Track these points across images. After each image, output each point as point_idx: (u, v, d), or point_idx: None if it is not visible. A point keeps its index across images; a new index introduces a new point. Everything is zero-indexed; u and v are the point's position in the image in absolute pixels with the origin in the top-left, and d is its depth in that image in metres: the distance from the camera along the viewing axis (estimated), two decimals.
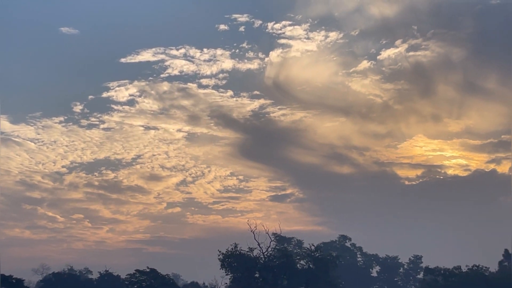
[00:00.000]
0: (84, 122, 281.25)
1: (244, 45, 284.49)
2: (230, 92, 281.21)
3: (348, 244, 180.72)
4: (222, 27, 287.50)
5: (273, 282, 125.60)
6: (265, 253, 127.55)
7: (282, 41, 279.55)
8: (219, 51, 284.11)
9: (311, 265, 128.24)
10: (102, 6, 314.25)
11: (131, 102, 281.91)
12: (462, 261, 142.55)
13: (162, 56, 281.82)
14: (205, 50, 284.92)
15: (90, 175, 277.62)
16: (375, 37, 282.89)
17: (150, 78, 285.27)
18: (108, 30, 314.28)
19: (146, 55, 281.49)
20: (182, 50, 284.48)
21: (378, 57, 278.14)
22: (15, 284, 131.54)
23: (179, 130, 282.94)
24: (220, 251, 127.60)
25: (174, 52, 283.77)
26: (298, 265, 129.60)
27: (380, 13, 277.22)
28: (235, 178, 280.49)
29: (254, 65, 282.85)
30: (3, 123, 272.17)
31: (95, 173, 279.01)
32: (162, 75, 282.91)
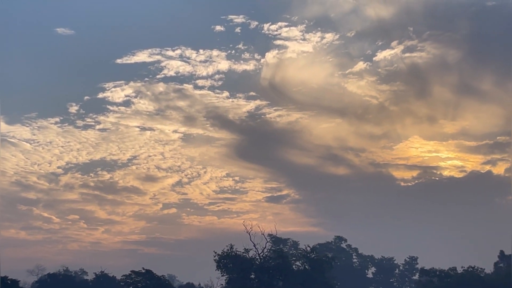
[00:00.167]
0: (79, 123, 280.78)
1: (240, 46, 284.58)
2: (226, 93, 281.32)
3: (343, 245, 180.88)
4: (218, 28, 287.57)
5: (269, 283, 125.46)
6: (261, 254, 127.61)
7: (278, 42, 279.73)
8: (215, 52, 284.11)
9: (306, 266, 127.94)
10: (98, 7, 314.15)
11: (126, 103, 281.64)
12: (457, 262, 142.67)
13: (158, 57, 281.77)
14: (201, 51, 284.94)
15: (86, 176, 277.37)
16: (371, 39, 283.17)
17: (146, 79, 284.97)
18: (104, 31, 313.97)
19: (142, 56, 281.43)
20: (178, 51, 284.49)
21: (374, 59, 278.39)
22: (11, 285, 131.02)
23: (175, 131, 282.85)
24: (215, 252, 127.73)
25: (170, 53, 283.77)
26: (294, 266, 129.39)
27: (376, 15, 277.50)
28: (231, 179, 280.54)
29: (250, 66, 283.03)
30: None
31: (90, 174, 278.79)
32: (158, 76, 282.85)
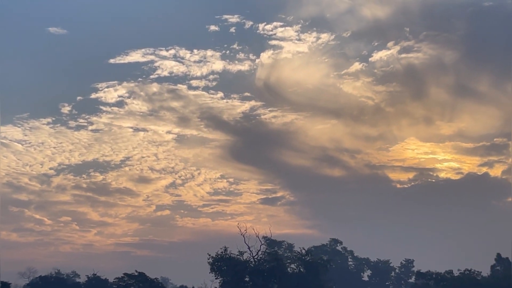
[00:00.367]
0: (72, 123, 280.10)
1: (235, 46, 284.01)
2: (220, 94, 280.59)
3: (339, 247, 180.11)
4: (212, 28, 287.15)
5: (263, 286, 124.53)
6: (255, 257, 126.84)
7: (273, 42, 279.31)
8: (209, 52, 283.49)
9: (301, 269, 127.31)
10: (90, 6, 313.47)
11: (120, 104, 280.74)
12: (454, 265, 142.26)
13: (152, 57, 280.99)
14: (195, 51, 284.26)
15: (78, 177, 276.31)
16: (367, 39, 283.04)
17: (139, 79, 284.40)
18: (96, 30, 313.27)
19: (136, 56, 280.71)
20: (172, 51, 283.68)
21: (370, 59, 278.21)
22: None
23: (169, 132, 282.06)
24: (209, 255, 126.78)
25: (163, 53, 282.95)
26: (289, 269, 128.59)
27: (372, 15, 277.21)
28: (225, 180, 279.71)
29: (245, 66, 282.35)
30: None
31: (83, 175, 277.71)
32: (151, 76, 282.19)
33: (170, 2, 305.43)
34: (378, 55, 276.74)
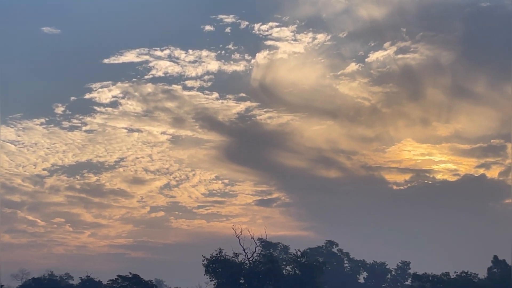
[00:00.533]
0: (65, 124, 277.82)
1: (230, 46, 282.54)
2: (215, 95, 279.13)
3: (335, 249, 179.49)
4: (207, 27, 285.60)
5: None
6: (251, 259, 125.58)
7: (269, 42, 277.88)
8: (204, 53, 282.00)
9: (297, 271, 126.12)
10: (85, 6, 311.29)
11: (114, 104, 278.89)
12: (450, 267, 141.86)
13: (146, 57, 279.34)
14: (190, 51, 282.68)
15: (72, 178, 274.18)
16: (364, 39, 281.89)
17: (133, 79, 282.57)
18: (91, 30, 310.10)
19: (130, 56, 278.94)
20: (167, 51, 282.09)
21: (366, 60, 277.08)
22: None
23: (163, 133, 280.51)
24: (204, 256, 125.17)
25: (158, 53, 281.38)
26: (284, 271, 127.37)
27: (369, 15, 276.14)
28: (220, 181, 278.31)
29: (240, 67, 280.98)
30: None
31: (76, 176, 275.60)
32: (146, 77, 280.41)
33: (164, 2, 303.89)
34: (375, 56, 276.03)
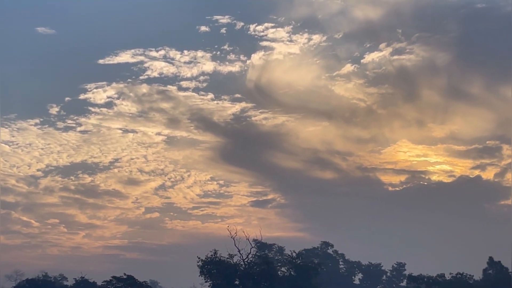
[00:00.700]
0: (60, 124, 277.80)
1: (226, 47, 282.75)
2: (210, 95, 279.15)
3: (330, 250, 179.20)
4: (203, 28, 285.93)
5: None
6: (246, 260, 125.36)
7: (264, 43, 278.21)
8: (199, 53, 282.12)
9: (292, 272, 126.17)
10: (79, 6, 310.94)
11: (109, 105, 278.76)
12: (446, 269, 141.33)
13: (141, 58, 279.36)
14: (185, 52, 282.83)
15: (66, 179, 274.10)
16: (359, 41, 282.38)
17: (128, 80, 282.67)
18: (85, 30, 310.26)
19: (125, 57, 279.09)
20: (162, 52, 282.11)
21: (362, 61, 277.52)
22: None
23: (158, 134, 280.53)
24: (199, 258, 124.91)
25: (153, 53, 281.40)
26: (279, 272, 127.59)
27: (364, 16, 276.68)
28: (215, 182, 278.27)
29: (235, 67, 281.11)
30: None
31: (71, 177, 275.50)
32: (141, 77, 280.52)
33: (160, 2, 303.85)
34: (370, 57, 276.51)
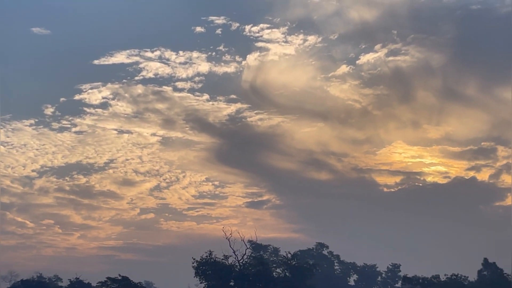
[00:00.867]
0: (55, 125, 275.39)
1: (221, 48, 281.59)
2: (206, 96, 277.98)
3: (325, 252, 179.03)
4: (198, 29, 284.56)
5: None
6: (241, 261, 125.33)
7: (259, 44, 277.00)
8: (195, 54, 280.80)
9: (287, 273, 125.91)
10: (75, 6, 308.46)
11: (104, 105, 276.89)
12: (441, 270, 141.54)
13: (137, 59, 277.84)
14: (180, 52, 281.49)
15: (61, 180, 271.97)
16: (354, 42, 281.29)
17: (124, 80, 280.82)
18: (81, 30, 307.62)
19: (120, 57, 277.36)
20: (157, 53, 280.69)
21: (357, 62, 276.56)
22: None
23: (154, 135, 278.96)
24: (194, 259, 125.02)
25: (149, 54, 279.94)
26: (274, 273, 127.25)
27: (360, 17, 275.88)
28: (210, 183, 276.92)
29: (231, 68, 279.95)
30: None
31: (66, 178, 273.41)
32: (136, 78, 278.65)
33: (155, 3, 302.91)
34: (366, 58, 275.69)
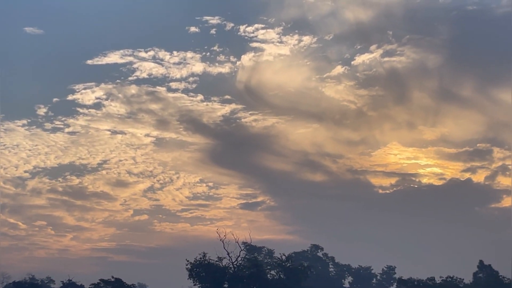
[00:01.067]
0: (48, 125, 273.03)
1: (215, 48, 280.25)
2: (200, 97, 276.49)
3: (320, 253, 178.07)
4: (192, 29, 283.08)
5: None
6: (235, 263, 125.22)
7: (254, 44, 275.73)
8: (189, 54, 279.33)
9: (282, 275, 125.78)
10: (68, 6, 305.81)
11: (97, 106, 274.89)
12: (436, 272, 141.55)
13: (130, 59, 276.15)
14: (175, 52, 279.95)
15: (54, 181, 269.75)
16: (350, 42, 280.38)
17: (117, 81, 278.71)
18: (74, 30, 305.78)
19: (114, 57, 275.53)
20: (151, 53, 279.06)
21: (352, 63, 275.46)
22: None
23: (147, 135, 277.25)
24: (188, 260, 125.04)
25: (142, 54, 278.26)
26: (269, 275, 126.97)
27: (355, 18, 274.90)
28: (204, 184, 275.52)
29: (225, 69, 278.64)
30: None
31: (59, 178, 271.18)
32: (130, 78, 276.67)
33: (149, 2, 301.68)
34: (361, 59, 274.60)
